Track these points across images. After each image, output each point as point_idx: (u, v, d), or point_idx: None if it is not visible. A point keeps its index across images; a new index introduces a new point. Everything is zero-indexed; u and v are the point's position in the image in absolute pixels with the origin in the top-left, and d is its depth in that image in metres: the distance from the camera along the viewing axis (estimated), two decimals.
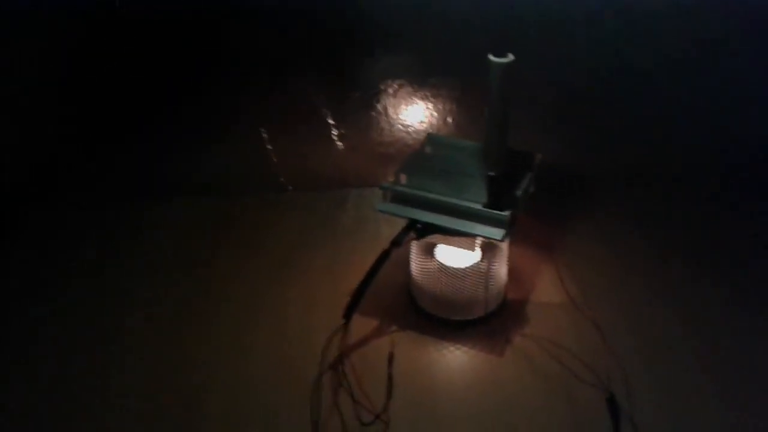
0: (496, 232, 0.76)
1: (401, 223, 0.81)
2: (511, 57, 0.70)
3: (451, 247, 0.84)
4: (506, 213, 0.75)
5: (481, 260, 0.82)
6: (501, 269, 0.85)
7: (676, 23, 1.10)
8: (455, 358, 0.82)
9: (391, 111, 1.11)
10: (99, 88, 1.11)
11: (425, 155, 0.88)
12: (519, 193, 0.79)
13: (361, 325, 0.85)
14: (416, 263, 0.87)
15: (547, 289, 0.91)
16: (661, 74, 1.12)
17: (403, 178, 0.83)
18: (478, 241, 0.82)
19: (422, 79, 1.10)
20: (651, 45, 1.11)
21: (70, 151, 1.14)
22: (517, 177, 0.82)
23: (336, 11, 1.07)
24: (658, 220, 1.05)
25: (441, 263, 0.84)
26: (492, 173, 0.78)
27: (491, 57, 0.70)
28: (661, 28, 1.10)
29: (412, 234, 0.80)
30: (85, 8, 1.07)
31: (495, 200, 0.77)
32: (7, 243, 1.03)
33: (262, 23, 1.08)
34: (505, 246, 0.84)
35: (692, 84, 1.13)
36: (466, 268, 0.83)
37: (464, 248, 0.83)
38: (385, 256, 0.79)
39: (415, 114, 1.12)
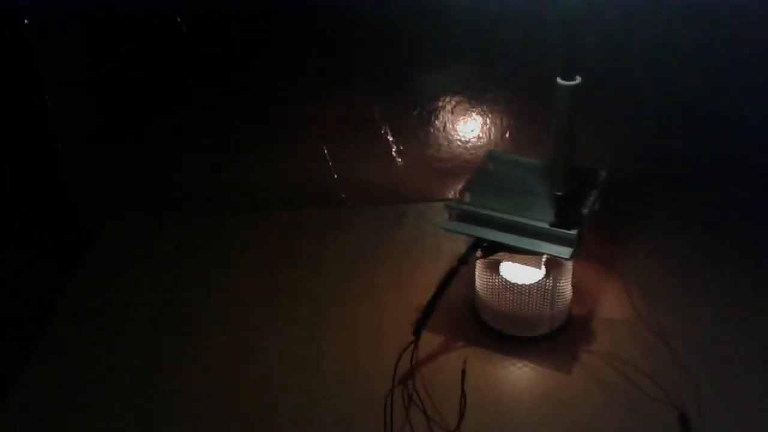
0: (564, 251, 0.77)
1: (461, 239, 0.83)
2: (578, 79, 0.71)
3: (515, 264, 0.85)
4: (574, 232, 0.76)
5: (547, 277, 0.83)
6: (566, 285, 0.86)
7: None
8: (523, 375, 0.83)
9: (449, 127, 1.13)
10: (160, 99, 1.15)
11: (488, 173, 0.90)
12: (585, 211, 0.80)
13: (429, 340, 0.87)
14: (481, 280, 0.88)
15: (612, 304, 0.91)
16: (721, 76, 1.11)
17: (468, 197, 0.85)
18: (543, 257, 0.83)
19: (479, 95, 1.11)
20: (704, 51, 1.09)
21: (131, 166, 1.19)
22: (582, 195, 0.82)
23: (395, 28, 1.09)
24: (726, 230, 1.04)
25: (506, 280, 0.85)
26: (559, 193, 0.79)
27: (559, 80, 0.72)
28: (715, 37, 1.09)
29: (479, 252, 0.82)
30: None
31: (562, 219, 0.78)
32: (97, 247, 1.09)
33: (326, 40, 1.11)
34: (570, 263, 0.84)
35: (744, 82, 1.11)
36: (532, 284, 0.84)
37: (529, 265, 0.84)
38: (453, 273, 0.81)
39: (472, 130, 1.13)
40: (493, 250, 0.82)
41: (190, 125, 1.16)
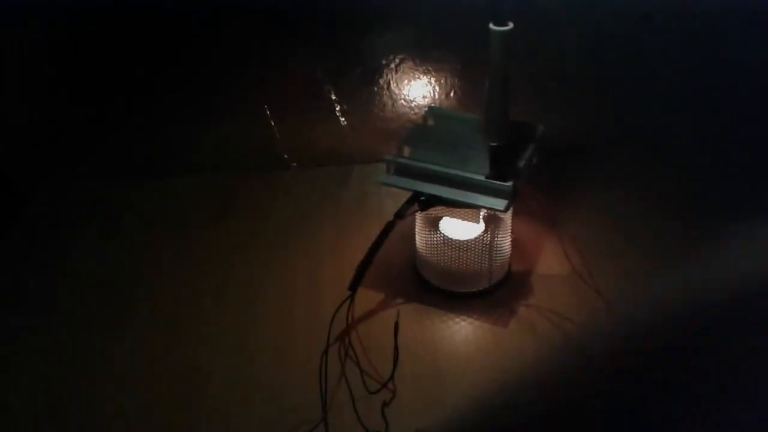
0: (499, 203, 0.76)
1: (405, 197, 0.82)
2: (510, 25, 0.70)
3: (455, 219, 0.84)
4: (509, 183, 0.76)
5: (485, 232, 0.83)
6: (505, 241, 0.86)
7: None
8: (460, 329, 0.83)
9: (393, 86, 1.11)
10: (98, 64, 1.11)
11: (428, 128, 0.89)
12: (521, 163, 0.79)
13: (368, 298, 0.86)
14: (421, 236, 0.87)
15: (551, 260, 0.92)
16: (659, 40, 1.12)
17: (406, 151, 0.83)
18: (482, 213, 0.82)
19: (424, 53, 1.10)
20: (649, 10, 1.10)
21: (68, 130, 1.15)
22: (519, 148, 0.82)
23: None
24: (661, 188, 1.05)
25: (445, 236, 0.84)
26: (494, 144, 0.78)
27: (491, 26, 0.70)
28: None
29: (416, 206, 0.81)
30: None
31: (497, 171, 0.77)
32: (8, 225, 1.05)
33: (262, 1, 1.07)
34: (508, 217, 0.84)
35: (691, 51, 1.13)
36: (470, 240, 0.83)
37: (468, 220, 0.83)
38: (389, 228, 0.80)
39: (417, 88, 1.12)
40: (430, 204, 0.80)
41: (128, 88, 1.12)
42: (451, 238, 0.84)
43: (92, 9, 1.05)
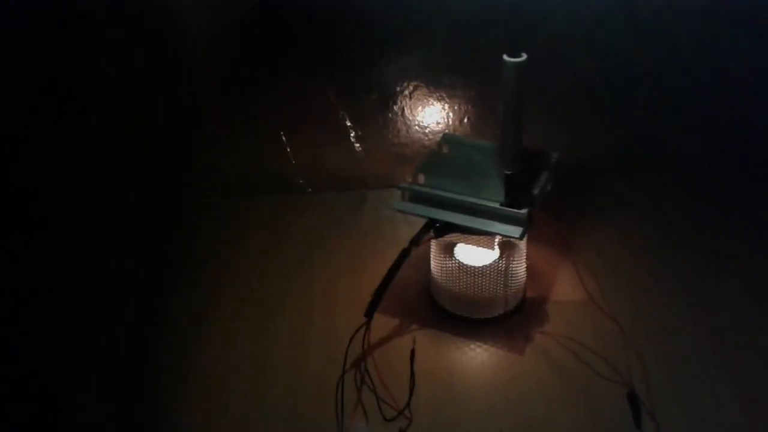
0: (515, 230, 0.77)
1: (419, 223, 0.82)
2: (524, 56, 0.71)
3: (470, 246, 0.85)
4: (524, 211, 0.76)
5: (500, 258, 0.83)
6: (520, 267, 0.86)
7: (674, 20, 1.10)
8: (476, 356, 0.83)
9: (407, 112, 1.13)
10: (114, 88, 1.12)
11: (442, 155, 0.90)
12: (536, 191, 0.80)
13: (383, 324, 0.86)
14: (436, 262, 0.88)
15: (566, 286, 0.92)
16: (668, 64, 1.12)
17: (421, 178, 0.84)
18: (497, 239, 0.83)
19: (437, 80, 1.11)
20: (651, 35, 1.11)
21: (84, 153, 1.17)
22: (534, 175, 0.82)
23: (348, 13, 1.09)
24: (674, 212, 1.05)
25: (460, 262, 0.85)
26: (509, 172, 0.79)
27: (505, 57, 0.71)
28: (660, 23, 1.10)
29: (431, 233, 0.81)
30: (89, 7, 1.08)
31: (513, 198, 0.77)
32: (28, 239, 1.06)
33: (277, 26, 1.09)
34: (523, 244, 0.84)
35: (699, 73, 1.13)
36: (485, 266, 0.84)
37: (483, 247, 0.84)
38: (404, 254, 0.80)
39: (431, 115, 1.13)
40: (445, 231, 0.81)
41: (144, 116, 1.13)
42: (467, 264, 0.84)
43: (106, 32, 1.06)
